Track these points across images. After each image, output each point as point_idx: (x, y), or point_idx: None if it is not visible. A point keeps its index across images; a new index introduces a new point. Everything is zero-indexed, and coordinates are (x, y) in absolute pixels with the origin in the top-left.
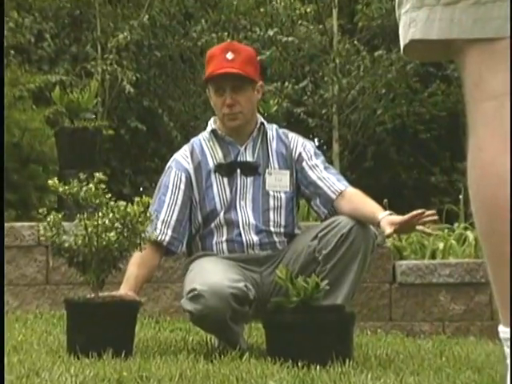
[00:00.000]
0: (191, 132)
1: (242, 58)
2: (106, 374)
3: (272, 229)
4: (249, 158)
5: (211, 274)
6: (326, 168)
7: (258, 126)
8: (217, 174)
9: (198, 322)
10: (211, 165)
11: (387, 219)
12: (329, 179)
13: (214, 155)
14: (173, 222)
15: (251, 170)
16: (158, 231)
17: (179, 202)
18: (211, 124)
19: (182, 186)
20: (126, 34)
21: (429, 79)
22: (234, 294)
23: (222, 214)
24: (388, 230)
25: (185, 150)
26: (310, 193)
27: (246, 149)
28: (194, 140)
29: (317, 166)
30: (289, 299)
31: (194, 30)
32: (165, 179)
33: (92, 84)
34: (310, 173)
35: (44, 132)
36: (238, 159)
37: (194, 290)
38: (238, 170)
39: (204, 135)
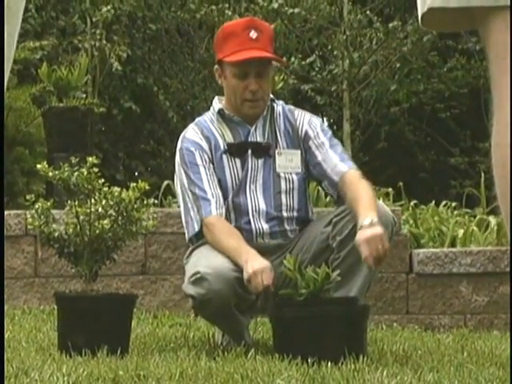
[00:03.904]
0: (189, 112)
1: (266, 37)
2: (101, 373)
3: (284, 213)
4: (259, 139)
5: (216, 257)
6: (331, 146)
7: (268, 103)
8: (228, 156)
9: (201, 308)
10: (222, 146)
11: (361, 237)
12: (332, 160)
13: (223, 136)
14: (221, 197)
15: (262, 151)
16: (213, 206)
17: (214, 177)
18: (216, 103)
19: (211, 165)
20: (109, 7)
21: (447, 53)
22: (240, 278)
23: (230, 197)
24: (365, 253)
25: (194, 130)
26: (318, 174)
27: (256, 129)
28: (199, 120)
29: (323, 145)
30: (297, 291)
31: (191, 0)
32: (189, 159)
33: (82, 60)
34: (316, 153)
35: (30, 112)
36: (249, 140)
37: (197, 273)
38: (249, 151)
39: (209, 116)
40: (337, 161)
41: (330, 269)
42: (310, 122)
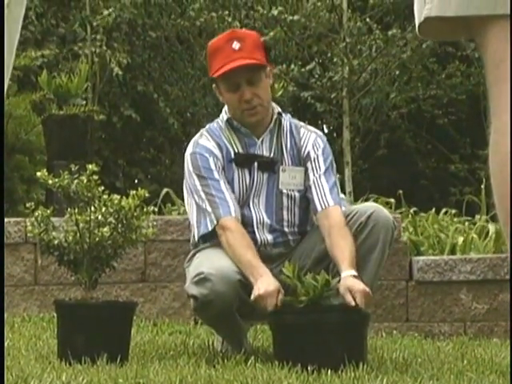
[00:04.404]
0: (189, 119)
1: (249, 45)
2: (101, 381)
3: (286, 229)
4: (265, 153)
5: (220, 260)
6: (325, 172)
7: (275, 116)
8: (237, 166)
9: (202, 309)
10: (232, 155)
11: (346, 285)
12: (322, 188)
13: (232, 145)
14: (237, 202)
15: (268, 165)
16: (232, 208)
17: (227, 183)
18: (226, 112)
19: (223, 172)
20: (111, 10)
21: (447, 60)
22: (243, 281)
23: (237, 202)
24: (351, 301)
25: (207, 137)
26: (308, 195)
27: (262, 142)
28: (210, 127)
29: (318, 169)
30: (297, 298)
31: (191, 8)
32: (202, 164)
33: (82, 67)
34: (310, 175)
35: (30, 119)
36: (255, 152)
37: (200, 273)
38: (256, 164)
39: (219, 123)
40: (326, 191)
41: (330, 275)
42: (314, 143)
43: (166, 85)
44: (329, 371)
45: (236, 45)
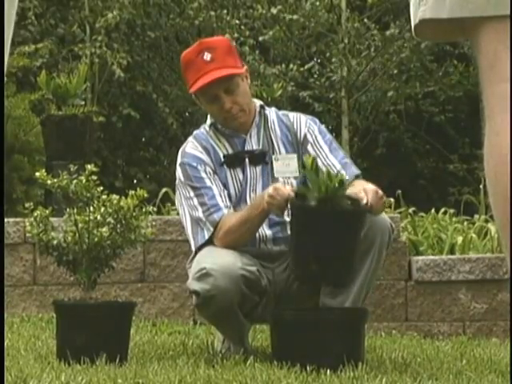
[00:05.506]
0: (188, 119)
1: (221, 54)
2: (100, 381)
3: (287, 218)
4: (255, 146)
5: (222, 255)
6: (331, 150)
7: (258, 110)
8: (229, 167)
9: (204, 305)
10: (221, 157)
11: (360, 185)
12: (334, 167)
13: (221, 147)
14: (232, 202)
15: (259, 158)
16: (225, 212)
17: (222, 186)
18: (210, 117)
19: (215, 176)
20: (115, 13)
21: (445, 58)
22: (246, 276)
23: (232, 207)
24: (363, 197)
25: (194, 144)
26: None
27: (250, 137)
28: (197, 133)
29: (322, 150)
30: (312, 190)
31: (190, 7)
32: (193, 173)
33: (81, 67)
34: (317, 159)
35: (29, 120)
36: (245, 148)
37: (202, 269)
38: (247, 160)
39: (205, 129)
40: (339, 169)
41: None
42: (307, 125)
43: (164, 85)
44: (328, 371)
45: (207, 56)
